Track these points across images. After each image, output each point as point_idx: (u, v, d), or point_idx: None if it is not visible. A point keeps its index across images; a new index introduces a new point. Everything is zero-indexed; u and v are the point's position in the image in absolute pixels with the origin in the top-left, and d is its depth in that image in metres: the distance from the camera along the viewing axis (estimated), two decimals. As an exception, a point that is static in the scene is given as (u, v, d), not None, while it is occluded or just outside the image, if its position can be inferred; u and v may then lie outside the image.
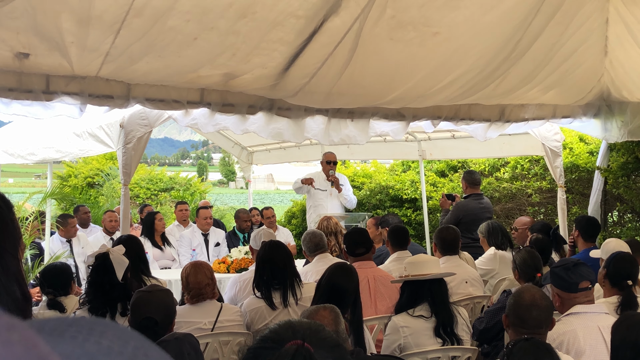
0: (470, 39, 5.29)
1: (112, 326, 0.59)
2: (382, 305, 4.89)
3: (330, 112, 6.19)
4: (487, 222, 6.68)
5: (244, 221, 9.03)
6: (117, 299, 4.05)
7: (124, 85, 5.01)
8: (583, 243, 6.15)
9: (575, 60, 6.57)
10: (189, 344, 3.00)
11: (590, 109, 7.79)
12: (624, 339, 2.84)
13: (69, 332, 0.57)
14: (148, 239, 8.28)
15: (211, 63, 4.89)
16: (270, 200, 39.88)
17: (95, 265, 4.16)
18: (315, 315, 2.98)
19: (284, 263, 4.60)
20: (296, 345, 1.31)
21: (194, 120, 5.68)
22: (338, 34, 4.86)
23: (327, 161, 8.83)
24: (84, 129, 6.48)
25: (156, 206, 15.98)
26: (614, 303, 4.15)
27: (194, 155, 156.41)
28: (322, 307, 3.09)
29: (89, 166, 18.65)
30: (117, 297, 4.06)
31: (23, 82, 4.50)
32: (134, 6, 4.00)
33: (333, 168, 8.78)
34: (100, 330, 0.58)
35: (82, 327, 0.58)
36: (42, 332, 0.56)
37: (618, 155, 8.60)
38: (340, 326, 2.99)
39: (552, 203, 9.54)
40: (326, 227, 6.38)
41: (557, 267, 3.88)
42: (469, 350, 4.08)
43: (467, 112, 7.03)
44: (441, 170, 11.35)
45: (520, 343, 2.71)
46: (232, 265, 7.18)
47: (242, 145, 11.02)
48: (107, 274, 4.09)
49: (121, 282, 4.12)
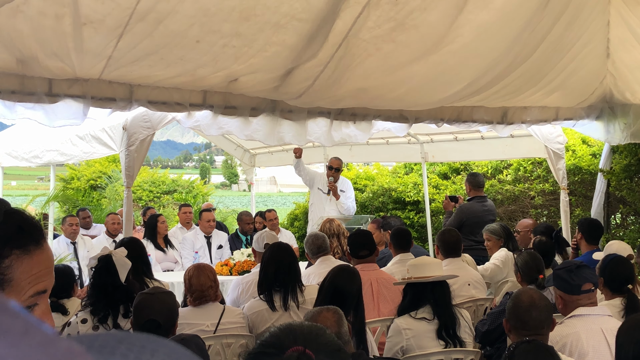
0: (474, 42, 5.29)
1: (164, 344, 0.58)
2: (385, 307, 4.88)
3: (332, 115, 6.19)
4: (498, 223, 6.67)
5: (247, 223, 9.03)
6: (119, 301, 4.06)
7: (126, 87, 5.02)
8: (586, 245, 6.15)
9: (578, 63, 6.56)
10: (195, 345, 3.00)
11: (593, 111, 7.79)
12: (629, 340, 2.83)
13: (120, 349, 0.56)
14: (151, 241, 8.29)
15: (214, 65, 4.90)
16: (272, 202, 39.85)
17: (97, 267, 4.16)
18: (318, 317, 2.98)
19: (288, 266, 4.60)
20: (297, 352, 1.30)
21: (197, 122, 5.68)
22: (340, 36, 4.86)
23: (329, 166, 8.82)
24: (87, 132, 6.50)
25: (159, 209, 15.99)
26: (617, 306, 4.15)
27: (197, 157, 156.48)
28: (325, 308, 3.10)
29: (91, 169, 18.68)
30: (120, 299, 4.07)
31: (25, 84, 4.51)
32: (137, 10, 4.01)
33: (334, 175, 8.75)
34: (151, 348, 0.57)
35: (133, 345, 0.56)
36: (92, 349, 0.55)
37: (621, 157, 8.59)
38: (343, 328, 2.99)
39: (555, 205, 9.54)
40: (329, 229, 6.38)
41: (560, 269, 3.88)
42: (471, 353, 4.08)
43: (469, 114, 7.02)
44: (444, 172, 11.35)
45: (523, 345, 2.71)
46: (235, 267, 7.19)
47: (245, 148, 11.03)
48: (110, 275, 4.10)
49: (124, 284, 4.13)
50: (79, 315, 4.08)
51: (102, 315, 4.03)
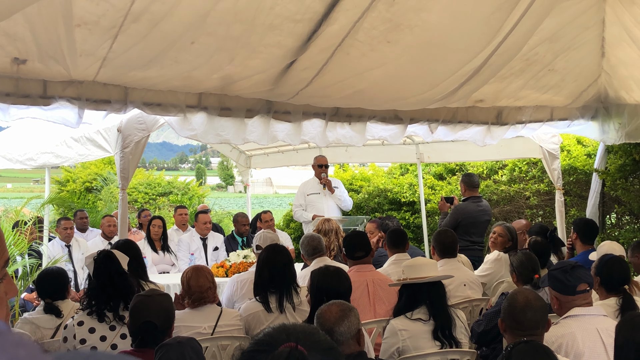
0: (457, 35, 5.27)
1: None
2: (381, 308, 4.88)
3: (327, 116, 6.19)
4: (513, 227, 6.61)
5: (243, 225, 9.02)
6: (122, 291, 4.07)
7: (121, 89, 5.01)
8: (581, 245, 6.16)
9: (572, 61, 6.57)
10: (192, 348, 2.99)
11: (588, 111, 7.80)
12: (627, 339, 2.84)
13: None
14: (148, 243, 8.30)
15: (209, 67, 4.89)
16: (269, 204, 39.84)
17: (99, 259, 4.18)
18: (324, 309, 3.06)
19: (283, 267, 4.60)
20: (289, 347, 1.31)
21: (194, 131, 5.65)
22: (336, 38, 4.87)
23: (318, 165, 8.91)
24: (81, 134, 6.49)
25: (154, 210, 15.96)
26: (612, 306, 4.16)
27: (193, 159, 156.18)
28: (333, 302, 3.18)
29: (87, 171, 18.64)
30: (123, 289, 4.08)
31: (20, 87, 4.50)
32: (131, 11, 4.00)
33: (325, 171, 8.88)
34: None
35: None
36: None
37: (616, 157, 8.61)
38: (344, 323, 3.03)
39: (550, 205, 9.55)
40: (326, 228, 6.42)
41: (555, 270, 3.88)
42: (467, 353, 4.08)
43: (464, 114, 7.03)
44: (439, 173, 11.35)
45: (520, 346, 2.71)
46: (231, 269, 7.18)
47: (241, 149, 11.02)
48: (114, 264, 4.13)
49: (126, 272, 4.16)
50: (76, 318, 4.07)
51: (102, 309, 4.02)
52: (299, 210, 9.01)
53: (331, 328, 3.00)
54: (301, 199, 9.02)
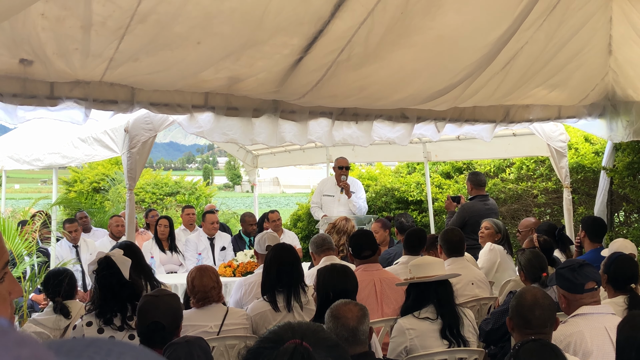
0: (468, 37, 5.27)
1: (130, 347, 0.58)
2: (389, 307, 4.88)
3: (334, 115, 6.19)
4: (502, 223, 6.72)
5: (250, 225, 9.03)
6: (127, 299, 4.05)
7: (128, 89, 5.02)
8: (589, 244, 6.14)
9: (578, 59, 6.55)
10: (200, 348, 3.00)
11: (595, 109, 7.78)
12: (628, 338, 2.83)
13: (87, 352, 0.56)
14: (156, 243, 8.32)
15: (215, 67, 4.90)
16: (276, 203, 39.85)
17: (99, 269, 4.16)
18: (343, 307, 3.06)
19: (291, 266, 4.60)
20: (295, 344, 1.33)
21: (200, 128, 5.67)
22: (343, 39, 4.86)
23: (338, 167, 8.74)
24: (89, 134, 6.50)
25: (162, 210, 16.00)
26: (620, 304, 4.14)
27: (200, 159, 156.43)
28: (353, 302, 3.17)
29: (94, 171, 18.70)
30: (128, 297, 4.06)
31: (27, 87, 4.51)
32: (138, 12, 4.01)
33: (345, 173, 8.69)
34: (118, 351, 0.57)
35: (100, 348, 0.57)
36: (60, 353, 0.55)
37: (624, 155, 8.58)
38: (362, 325, 3.02)
39: (558, 204, 9.52)
40: (343, 226, 6.45)
41: (562, 268, 3.87)
42: (475, 352, 4.07)
43: (471, 113, 7.02)
44: (446, 171, 11.34)
45: (528, 344, 2.70)
46: (238, 269, 7.19)
47: (247, 149, 11.04)
48: (114, 274, 4.10)
49: (129, 281, 4.13)
50: (84, 318, 4.08)
51: (108, 317, 4.02)
52: (314, 207, 8.99)
53: (355, 327, 3.01)
54: (317, 197, 8.98)
